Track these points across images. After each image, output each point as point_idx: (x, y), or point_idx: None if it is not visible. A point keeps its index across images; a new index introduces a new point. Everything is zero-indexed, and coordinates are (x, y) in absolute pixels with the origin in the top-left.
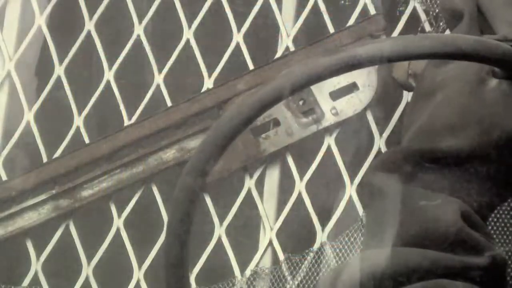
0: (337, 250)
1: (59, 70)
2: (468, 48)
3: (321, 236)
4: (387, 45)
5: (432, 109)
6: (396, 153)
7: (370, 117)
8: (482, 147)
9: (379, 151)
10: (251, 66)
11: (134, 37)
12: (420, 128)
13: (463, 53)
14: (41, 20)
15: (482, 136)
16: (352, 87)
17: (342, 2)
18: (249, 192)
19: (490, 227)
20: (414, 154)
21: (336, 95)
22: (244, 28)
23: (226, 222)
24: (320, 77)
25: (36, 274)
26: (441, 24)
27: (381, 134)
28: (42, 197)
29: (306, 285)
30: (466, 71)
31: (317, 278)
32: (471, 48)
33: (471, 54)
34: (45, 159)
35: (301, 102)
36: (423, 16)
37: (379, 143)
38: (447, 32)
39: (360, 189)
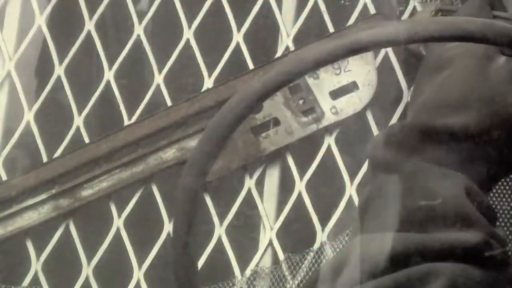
0: (337, 250)
1: (59, 70)
2: (476, 31)
3: (321, 236)
4: (392, 29)
5: (439, 85)
6: (401, 127)
7: (370, 116)
8: (488, 124)
9: None
10: (251, 66)
11: (134, 37)
12: (426, 103)
13: (470, 37)
14: (41, 20)
15: (488, 113)
16: (352, 86)
17: (342, 2)
18: (249, 192)
19: None
20: (419, 130)
21: (336, 94)
22: (244, 28)
23: (226, 222)
24: (322, 62)
25: (36, 274)
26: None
27: None
28: (42, 196)
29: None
30: (473, 48)
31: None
32: (479, 31)
33: (479, 37)
34: (45, 159)
35: (301, 102)
36: None
37: None
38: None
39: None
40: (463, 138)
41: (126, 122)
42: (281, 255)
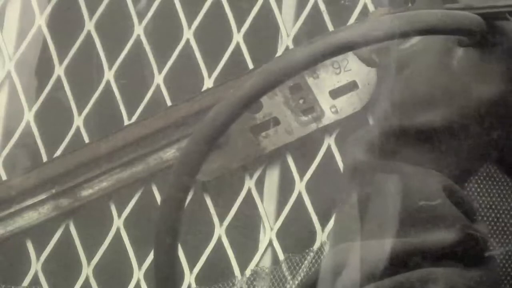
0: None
1: (59, 70)
2: (437, 22)
3: (321, 236)
4: (355, 30)
5: (402, 85)
6: (370, 132)
7: (369, 115)
8: (458, 119)
9: None
10: (251, 66)
11: (134, 37)
12: (392, 105)
13: (433, 29)
14: (41, 20)
15: (456, 107)
16: (351, 86)
17: (342, 2)
18: (249, 192)
19: (490, 227)
20: (390, 132)
21: (335, 93)
22: (244, 28)
23: (226, 222)
24: (308, 64)
25: (36, 274)
26: None
27: None
28: (42, 196)
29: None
30: (431, 43)
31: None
32: (441, 22)
33: (441, 28)
34: (45, 159)
35: (301, 101)
36: None
37: None
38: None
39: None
40: (434, 135)
41: (126, 122)
42: (281, 255)
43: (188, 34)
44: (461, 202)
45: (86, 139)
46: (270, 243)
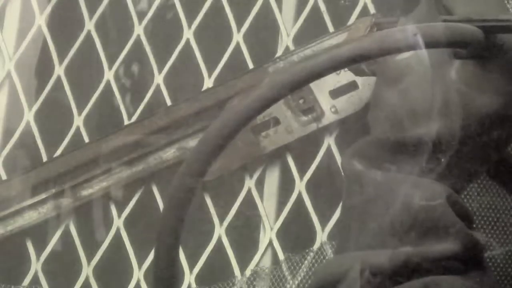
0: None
1: (59, 70)
2: (440, 36)
3: (321, 236)
4: (358, 45)
5: (400, 96)
6: (370, 143)
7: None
8: (456, 129)
9: None
10: (251, 66)
11: (134, 37)
12: (390, 116)
13: (435, 42)
14: (41, 20)
15: (455, 118)
16: (352, 86)
17: (342, 2)
18: (249, 192)
19: (490, 227)
20: (389, 144)
21: (336, 93)
22: (244, 28)
23: (226, 222)
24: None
25: (36, 274)
26: None
27: None
28: (42, 196)
29: (306, 285)
30: (427, 55)
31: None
32: (443, 36)
33: (444, 42)
34: (45, 159)
35: (301, 101)
36: None
37: None
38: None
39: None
40: (433, 146)
41: (126, 122)
42: (281, 255)
43: (188, 34)
44: (462, 211)
45: (86, 139)
46: (270, 243)
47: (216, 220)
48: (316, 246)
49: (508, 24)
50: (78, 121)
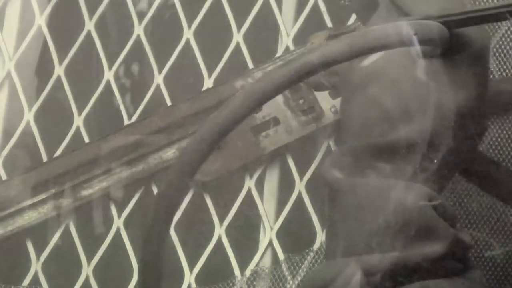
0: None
1: (59, 70)
2: (408, 33)
3: (321, 236)
4: (329, 48)
5: (369, 103)
6: (346, 153)
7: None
8: (429, 131)
9: None
10: (251, 66)
11: (134, 37)
12: (362, 124)
13: (406, 41)
14: (41, 20)
15: (430, 118)
16: None
17: (342, 2)
18: (249, 192)
19: (490, 227)
20: (369, 150)
21: (335, 93)
22: (244, 28)
23: (226, 222)
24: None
25: (36, 274)
26: None
27: None
28: (42, 196)
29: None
30: (394, 57)
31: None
32: (413, 33)
33: (413, 39)
34: (45, 159)
35: (301, 101)
36: None
37: None
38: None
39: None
40: (410, 147)
41: (126, 122)
42: (281, 255)
43: (188, 34)
44: (444, 212)
45: (86, 139)
46: (270, 243)
47: (216, 220)
48: (316, 246)
49: (469, 16)
50: (78, 121)
